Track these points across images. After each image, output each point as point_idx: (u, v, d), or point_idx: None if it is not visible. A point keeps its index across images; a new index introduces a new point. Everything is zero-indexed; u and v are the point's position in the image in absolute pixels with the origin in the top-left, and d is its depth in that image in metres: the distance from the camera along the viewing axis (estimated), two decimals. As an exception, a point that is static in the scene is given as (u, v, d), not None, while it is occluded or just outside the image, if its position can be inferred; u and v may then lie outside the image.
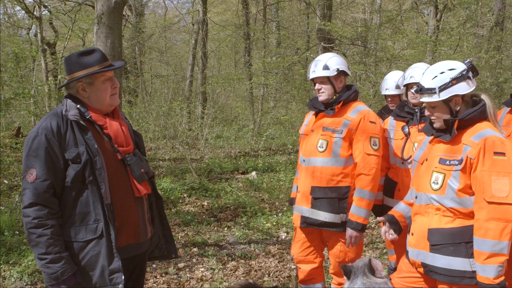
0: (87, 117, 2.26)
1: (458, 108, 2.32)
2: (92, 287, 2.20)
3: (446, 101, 2.30)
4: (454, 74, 2.28)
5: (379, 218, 2.71)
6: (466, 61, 2.34)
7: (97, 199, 2.17)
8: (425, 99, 2.33)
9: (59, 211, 2.19)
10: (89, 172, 2.17)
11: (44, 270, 2.15)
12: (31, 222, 2.13)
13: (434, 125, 2.39)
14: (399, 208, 2.65)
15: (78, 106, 2.27)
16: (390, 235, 2.61)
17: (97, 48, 2.41)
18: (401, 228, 2.60)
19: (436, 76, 2.30)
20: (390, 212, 2.66)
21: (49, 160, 2.15)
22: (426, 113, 2.40)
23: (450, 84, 2.26)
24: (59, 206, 2.19)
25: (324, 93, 3.15)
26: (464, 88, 2.28)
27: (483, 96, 2.34)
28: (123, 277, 2.17)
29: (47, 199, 2.14)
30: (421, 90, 2.33)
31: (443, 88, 2.27)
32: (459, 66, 2.31)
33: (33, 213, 2.13)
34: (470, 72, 2.30)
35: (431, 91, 2.29)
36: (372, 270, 2.45)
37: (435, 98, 2.29)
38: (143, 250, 2.43)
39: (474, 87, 2.32)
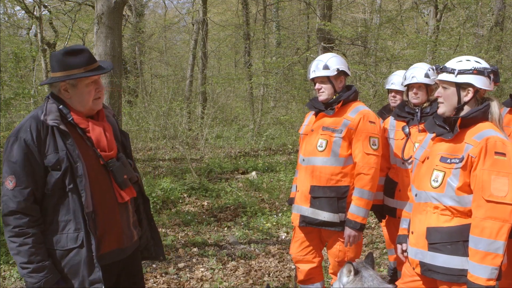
0: (69, 119, 2.15)
1: (467, 100, 2.31)
2: None
3: (459, 87, 2.31)
4: (478, 66, 2.30)
5: (399, 246, 2.64)
6: (494, 66, 2.38)
7: (78, 208, 2.08)
8: (442, 76, 2.35)
9: (41, 218, 2.10)
10: (69, 179, 2.07)
11: (26, 280, 2.08)
12: (12, 231, 2.05)
13: (439, 110, 2.39)
14: (407, 225, 2.62)
15: (61, 107, 2.16)
16: (405, 253, 2.58)
17: (85, 48, 2.25)
18: None
19: (461, 61, 2.34)
20: (402, 232, 2.63)
21: (29, 167, 2.05)
22: (436, 94, 2.40)
23: (471, 71, 2.28)
24: (41, 213, 2.11)
25: (324, 93, 3.15)
26: (480, 82, 2.29)
27: (493, 101, 2.34)
28: (103, 287, 2.10)
29: (28, 207, 2.05)
30: (442, 69, 2.35)
31: (462, 72, 2.29)
32: (485, 64, 2.35)
33: (13, 222, 2.05)
34: (492, 75, 2.32)
35: (450, 71, 2.31)
36: (372, 263, 2.46)
37: (451, 77, 2.31)
38: (127, 254, 2.34)
39: (489, 89, 2.33)
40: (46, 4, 12.51)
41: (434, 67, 2.43)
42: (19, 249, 2.05)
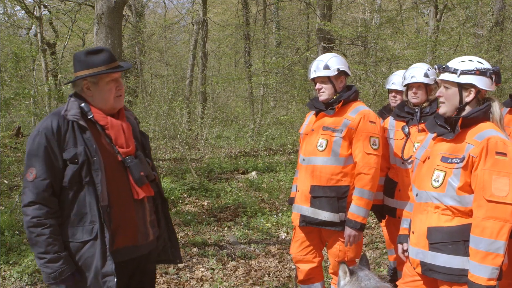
0: (89, 117, 2.25)
1: (468, 100, 2.32)
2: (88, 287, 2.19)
3: (461, 87, 2.31)
4: (480, 66, 2.30)
5: (400, 246, 2.64)
6: (496, 66, 2.37)
7: (93, 200, 2.15)
8: (444, 76, 2.34)
9: (59, 211, 2.18)
10: (86, 172, 2.15)
11: (43, 270, 2.16)
12: (30, 221, 2.13)
13: (440, 110, 2.39)
14: (408, 225, 2.63)
15: (82, 105, 2.26)
16: (406, 253, 2.59)
17: (106, 48, 2.38)
18: None
19: (463, 61, 2.33)
20: (403, 232, 2.63)
21: (48, 160, 2.14)
22: (437, 94, 2.40)
23: (473, 72, 2.29)
24: (59, 206, 2.19)
25: (324, 92, 3.16)
26: (483, 83, 2.29)
27: (494, 101, 2.35)
28: (115, 280, 2.14)
29: (46, 198, 2.14)
30: (444, 68, 2.35)
31: (465, 72, 2.29)
32: (488, 64, 2.35)
33: (32, 212, 2.13)
34: (494, 75, 2.32)
35: (453, 71, 2.31)
36: (367, 264, 2.46)
37: (453, 77, 2.30)
38: (143, 252, 2.38)
39: (491, 90, 2.33)
40: (46, 4, 12.51)
41: (436, 67, 2.42)
42: (36, 239, 2.12)
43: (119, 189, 2.25)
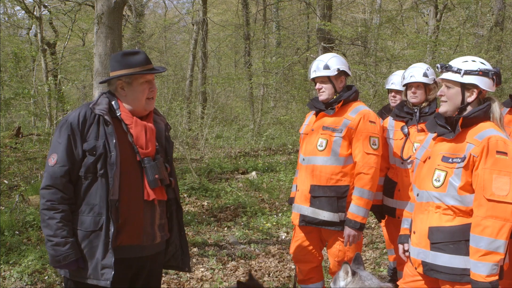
0: (117, 114, 2.32)
1: (470, 101, 2.32)
2: (87, 277, 2.24)
3: (464, 88, 2.31)
4: (483, 67, 2.31)
5: (401, 246, 2.64)
6: (497, 67, 2.38)
7: (104, 193, 2.22)
8: (447, 75, 2.34)
9: (73, 198, 2.26)
10: (101, 165, 2.22)
11: (49, 252, 2.23)
12: (45, 204, 2.22)
13: (441, 109, 2.39)
14: (409, 225, 2.63)
15: (113, 102, 2.34)
16: (407, 253, 2.59)
17: (142, 50, 2.45)
18: None
19: (466, 61, 2.33)
20: (403, 232, 2.63)
21: (70, 148, 2.23)
22: (439, 93, 2.40)
23: (476, 72, 2.29)
24: (74, 194, 2.26)
25: (324, 92, 3.16)
26: (485, 84, 2.30)
27: (494, 101, 2.35)
28: (112, 272, 2.19)
29: (63, 184, 2.22)
30: (446, 68, 2.35)
31: (468, 72, 2.29)
32: (490, 65, 2.35)
33: (47, 195, 2.22)
34: (496, 77, 2.32)
35: (456, 70, 2.31)
36: (362, 264, 2.47)
37: (457, 77, 2.30)
38: (147, 253, 2.39)
39: (492, 91, 2.33)
40: (46, 4, 12.51)
41: (438, 66, 2.42)
42: (48, 222, 2.21)
43: (131, 187, 2.30)
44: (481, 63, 2.33)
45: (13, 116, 12.70)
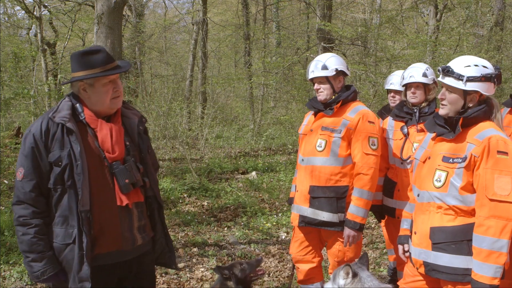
0: (81, 118, 2.23)
1: (471, 105, 2.32)
2: None
3: (466, 93, 2.30)
4: (485, 72, 2.28)
5: (400, 247, 2.64)
6: (497, 67, 2.34)
7: (74, 205, 2.13)
8: (449, 81, 2.30)
9: (46, 211, 2.18)
10: (68, 176, 2.13)
11: (27, 268, 2.19)
12: (17, 220, 2.17)
13: (441, 112, 2.38)
14: (408, 225, 2.63)
15: (77, 105, 2.24)
16: (407, 254, 2.59)
17: (103, 48, 2.31)
18: None
19: (469, 66, 2.29)
20: (403, 233, 2.63)
21: (35, 161, 2.15)
22: (440, 96, 2.38)
23: (479, 79, 2.26)
24: (47, 206, 2.19)
25: (323, 92, 3.15)
26: (487, 89, 2.29)
27: (492, 100, 2.34)
28: (89, 285, 2.13)
29: (32, 199, 2.15)
30: (448, 72, 2.30)
31: (471, 79, 2.26)
32: (491, 68, 2.32)
33: (19, 211, 2.16)
34: (496, 79, 2.31)
35: (459, 77, 2.27)
36: (367, 263, 2.47)
37: (460, 85, 2.28)
38: (129, 257, 2.31)
39: (493, 93, 2.32)
40: (46, 4, 12.51)
41: (439, 69, 2.37)
42: (22, 238, 2.15)
43: (102, 194, 2.21)
44: (484, 66, 2.30)
45: (13, 116, 12.69)
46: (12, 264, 4.48)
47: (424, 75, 3.42)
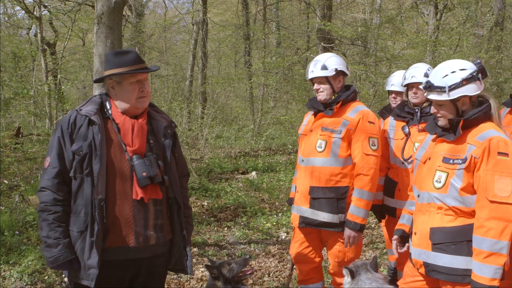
0: (108, 115, 2.34)
1: (465, 108, 2.32)
2: (81, 278, 2.24)
3: (454, 101, 2.30)
4: (465, 74, 2.27)
5: (393, 239, 2.65)
6: (476, 62, 2.33)
7: (89, 192, 2.21)
8: (434, 96, 2.32)
9: (67, 200, 2.26)
10: (87, 164, 2.22)
11: (43, 253, 2.26)
12: (39, 206, 2.25)
13: (439, 123, 2.39)
14: (405, 221, 2.63)
15: (106, 102, 2.37)
16: (400, 248, 2.60)
17: (134, 50, 2.46)
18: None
19: (446, 75, 2.29)
20: (399, 227, 2.64)
21: (60, 150, 2.26)
22: (432, 110, 2.39)
23: (461, 84, 2.26)
24: (68, 195, 2.26)
25: (322, 93, 3.15)
26: (473, 89, 2.28)
27: (489, 98, 2.34)
28: (96, 273, 2.17)
29: (55, 186, 2.24)
30: (430, 88, 2.32)
31: (453, 87, 2.27)
32: (470, 67, 2.31)
33: (41, 197, 2.25)
34: (480, 74, 2.30)
35: (440, 90, 2.28)
36: (376, 267, 2.47)
37: (444, 97, 2.28)
38: (141, 255, 2.31)
39: (482, 88, 2.32)
40: (46, 4, 12.50)
41: (421, 87, 2.39)
42: (41, 223, 2.24)
43: (120, 186, 2.26)
44: (461, 69, 2.29)
45: (13, 116, 12.69)
46: (12, 264, 4.48)
47: (426, 75, 3.42)
